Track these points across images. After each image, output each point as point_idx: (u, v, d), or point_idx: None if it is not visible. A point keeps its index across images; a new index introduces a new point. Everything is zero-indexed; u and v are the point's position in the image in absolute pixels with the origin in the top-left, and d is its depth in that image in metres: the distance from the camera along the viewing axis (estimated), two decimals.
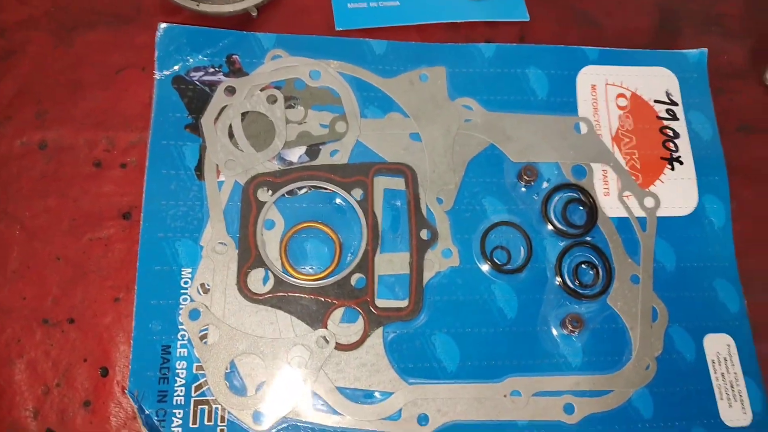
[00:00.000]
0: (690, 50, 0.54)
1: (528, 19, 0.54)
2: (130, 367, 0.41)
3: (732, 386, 0.46)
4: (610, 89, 0.51)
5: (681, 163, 0.50)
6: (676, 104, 0.52)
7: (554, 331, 0.45)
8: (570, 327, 0.45)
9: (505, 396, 0.43)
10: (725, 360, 0.47)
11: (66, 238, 0.44)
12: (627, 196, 0.49)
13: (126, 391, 0.41)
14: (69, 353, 0.42)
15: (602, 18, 0.55)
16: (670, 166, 0.50)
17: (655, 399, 0.45)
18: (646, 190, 0.49)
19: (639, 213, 0.49)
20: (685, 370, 0.46)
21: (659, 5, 0.57)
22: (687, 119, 0.52)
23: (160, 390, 0.41)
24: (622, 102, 0.51)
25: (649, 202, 0.49)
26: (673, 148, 0.51)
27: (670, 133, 0.51)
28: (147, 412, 0.40)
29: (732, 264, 0.49)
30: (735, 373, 0.46)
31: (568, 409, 0.43)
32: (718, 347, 0.47)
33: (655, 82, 0.52)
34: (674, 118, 0.51)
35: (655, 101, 0.52)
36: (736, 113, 0.54)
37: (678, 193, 0.50)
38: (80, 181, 0.45)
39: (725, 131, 0.52)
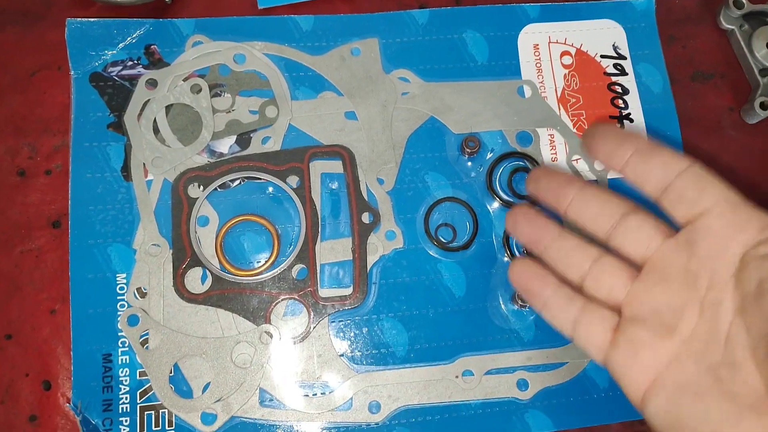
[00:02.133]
0: None
1: None
2: (72, 378, 0.41)
3: None
4: (554, 47, 0.49)
5: (631, 120, 0.48)
6: (624, 58, 0.49)
7: (504, 307, 0.44)
8: (520, 302, 0.44)
9: (456, 377, 0.43)
10: None
11: None
12: (576, 161, 0.47)
13: (68, 404, 0.40)
14: (10, 369, 0.42)
15: None
16: (619, 125, 0.48)
17: None
18: None
19: (590, 176, 0.47)
20: None
21: None
22: (636, 73, 0.49)
23: (104, 399, 0.41)
24: (567, 60, 0.49)
25: (599, 164, 0.47)
26: (622, 105, 0.48)
27: (619, 89, 0.49)
28: (93, 422, 0.40)
29: None
30: None
31: (522, 384, 0.43)
32: None
33: (601, 35, 0.49)
34: (622, 72, 0.49)
35: (602, 56, 0.49)
36: (690, 61, 0.51)
37: None
38: (5, 192, 0.43)
39: (679, 81, 0.50)
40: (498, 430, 0.42)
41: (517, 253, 0.45)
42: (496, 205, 0.46)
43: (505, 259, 0.45)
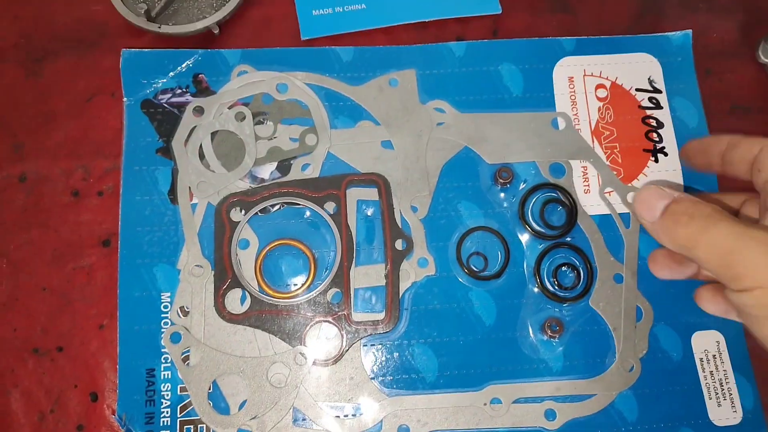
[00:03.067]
0: (673, 32, 0.51)
1: (500, 12, 0.51)
2: (117, 391, 0.43)
3: (721, 384, 0.45)
4: (589, 80, 0.49)
5: (665, 154, 0.48)
6: (659, 91, 0.50)
7: (534, 337, 0.45)
8: (549, 332, 0.44)
9: (485, 404, 0.44)
10: (714, 357, 0.46)
11: (50, 268, 0.45)
12: (608, 193, 0.48)
13: (114, 416, 0.42)
14: (60, 380, 0.44)
15: (578, 4, 0.53)
16: (653, 158, 0.48)
17: (640, 401, 0.44)
18: (629, 185, 0.48)
19: (622, 209, 0.48)
20: (672, 369, 0.45)
21: None
22: (671, 107, 0.49)
23: (147, 412, 0.43)
24: (602, 93, 0.49)
25: (631, 197, 0.48)
26: (657, 139, 0.49)
27: (653, 123, 0.49)
28: None
29: None
30: (725, 370, 0.45)
31: (550, 414, 0.43)
32: (707, 344, 0.46)
33: (637, 69, 0.50)
34: (657, 106, 0.49)
35: (637, 89, 0.50)
36: (727, 95, 0.51)
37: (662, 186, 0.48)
38: (60, 211, 0.46)
39: (716, 115, 0.50)
40: None
41: (548, 283, 0.46)
42: (527, 235, 0.47)
43: (535, 289, 0.46)
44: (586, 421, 0.44)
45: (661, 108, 0.49)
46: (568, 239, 0.47)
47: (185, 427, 0.43)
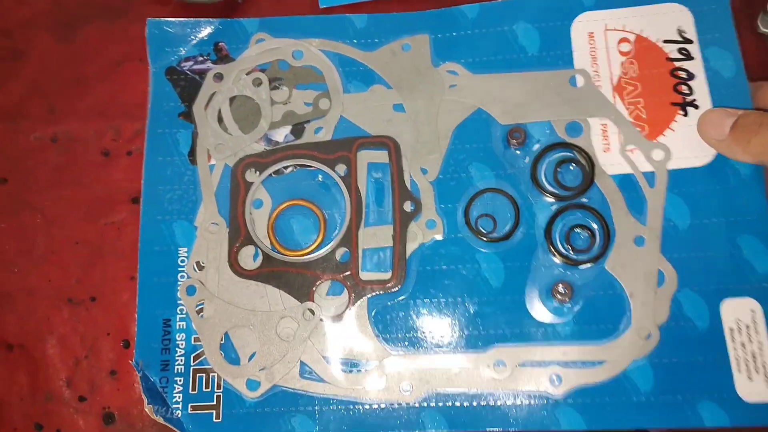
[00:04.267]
0: None
1: None
2: (135, 339, 0.46)
3: (754, 357, 0.42)
4: (611, 35, 0.47)
5: (696, 107, 0.45)
6: (690, 42, 0.46)
7: (543, 300, 0.44)
8: (559, 295, 0.43)
9: (488, 366, 0.43)
10: (747, 327, 0.42)
11: (83, 223, 0.49)
12: (631, 150, 0.45)
13: (131, 361, 0.45)
14: (93, 328, 0.47)
15: None
16: (682, 112, 0.45)
17: (656, 371, 0.42)
18: (654, 141, 0.45)
19: (646, 168, 0.45)
20: (696, 339, 0.42)
21: None
22: (704, 57, 0.46)
23: (162, 360, 0.45)
24: (625, 47, 0.47)
25: (657, 154, 0.45)
26: (687, 91, 0.45)
27: (683, 75, 0.46)
28: (151, 380, 0.45)
29: (763, 217, 0.43)
30: (759, 341, 0.42)
31: (555, 380, 0.42)
32: (739, 313, 0.42)
33: (665, 20, 0.47)
34: (688, 57, 0.46)
35: (665, 41, 0.46)
36: None
37: (693, 141, 0.44)
38: (91, 170, 0.50)
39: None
40: (526, 423, 0.42)
41: (560, 245, 0.44)
42: (540, 197, 0.45)
43: (546, 252, 0.44)
44: (595, 389, 0.42)
45: (692, 59, 0.46)
46: (584, 200, 0.45)
47: (198, 375, 0.45)
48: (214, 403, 0.44)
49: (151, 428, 0.45)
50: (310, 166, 0.48)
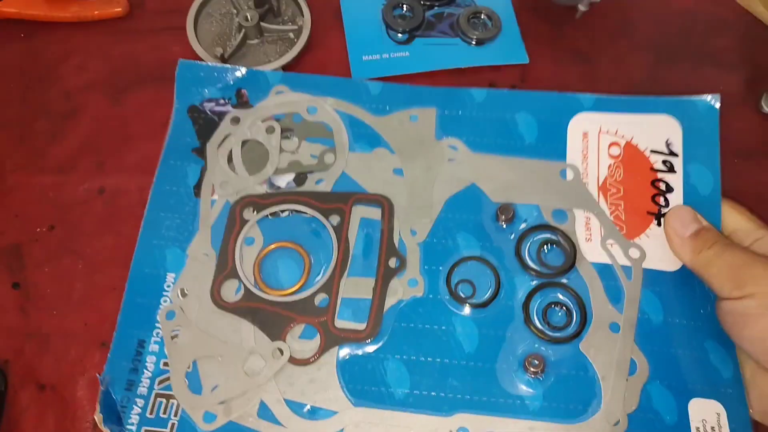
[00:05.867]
0: (700, 96, 0.51)
1: (528, 62, 0.56)
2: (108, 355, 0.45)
3: None
4: (603, 137, 0.51)
5: None
6: (675, 155, 0.50)
7: (514, 372, 0.44)
8: (531, 369, 0.43)
9: (451, 431, 0.42)
10: (713, 429, 0.42)
11: (120, 270, 0.49)
12: (611, 244, 0.47)
13: (97, 374, 0.45)
14: None
15: (597, 56, 0.58)
16: (656, 222, 0.48)
17: None
18: (632, 241, 0.47)
19: (624, 262, 0.47)
20: None
21: (655, 45, 0.59)
22: (685, 172, 0.49)
23: (129, 379, 0.45)
24: (615, 151, 0.50)
25: (634, 252, 0.47)
26: (663, 203, 0.48)
27: (663, 186, 0.49)
28: (113, 397, 0.44)
29: None
30: None
31: None
32: (706, 414, 0.42)
33: (655, 130, 0.50)
34: (671, 170, 0.49)
35: (652, 151, 0.50)
36: (733, 141, 0.51)
37: (665, 249, 0.47)
38: (133, 221, 0.51)
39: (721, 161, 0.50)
40: None
41: (536, 320, 0.45)
42: (521, 271, 0.47)
43: (522, 324, 0.45)
44: None
45: (675, 172, 0.49)
46: (564, 280, 0.46)
47: (158, 399, 0.44)
48: (168, 430, 0.43)
49: None
50: (306, 213, 0.50)
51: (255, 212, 0.50)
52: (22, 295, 0.49)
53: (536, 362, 0.43)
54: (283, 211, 0.50)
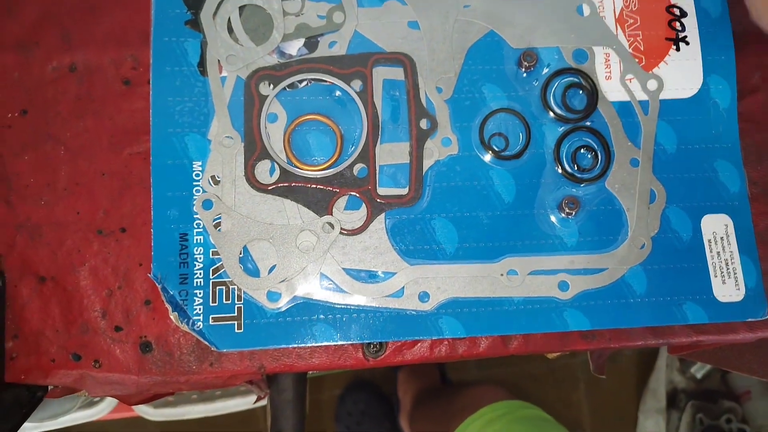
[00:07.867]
0: None
1: None
2: (152, 253, 0.45)
3: (727, 264, 0.47)
4: None
5: (687, 43, 0.49)
6: None
7: (551, 214, 0.47)
8: (566, 209, 0.46)
9: (501, 275, 0.46)
10: (722, 239, 0.48)
11: (107, 154, 0.46)
12: (629, 80, 0.49)
13: (149, 274, 0.44)
14: (125, 259, 0.45)
15: None
16: (675, 47, 0.49)
17: (649, 276, 0.47)
18: (650, 72, 0.49)
19: (641, 96, 0.49)
20: (681, 249, 0.47)
21: None
22: None
23: (181, 273, 0.45)
24: None
25: (652, 84, 0.49)
26: (679, 28, 0.49)
27: (677, 11, 0.49)
28: (170, 293, 0.44)
29: (735, 145, 0.49)
30: (731, 251, 0.48)
31: (563, 286, 0.46)
32: (716, 227, 0.48)
33: None
34: None
35: None
36: None
37: (683, 74, 0.49)
38: (113, 100, 0.46)
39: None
40: (538, 324, 0.45)
41: (566, 164, 0.48)
42: (548, 118, 0.48)
43: (555, 170, 0.47)
44: (597, 292, 0.46)
45: None
46: (588, 123, 0.48)
47: (217, 287, 0.45)
48: (235, 314, 0.44)
49: (189, 356, 0.44)
50: (326, 81, 0.47)
51: (271, 86, 0.47)
52: (4, 185, 0.46)
53: (572, 204, 0.46)
54: (301, 82, 0.47)
